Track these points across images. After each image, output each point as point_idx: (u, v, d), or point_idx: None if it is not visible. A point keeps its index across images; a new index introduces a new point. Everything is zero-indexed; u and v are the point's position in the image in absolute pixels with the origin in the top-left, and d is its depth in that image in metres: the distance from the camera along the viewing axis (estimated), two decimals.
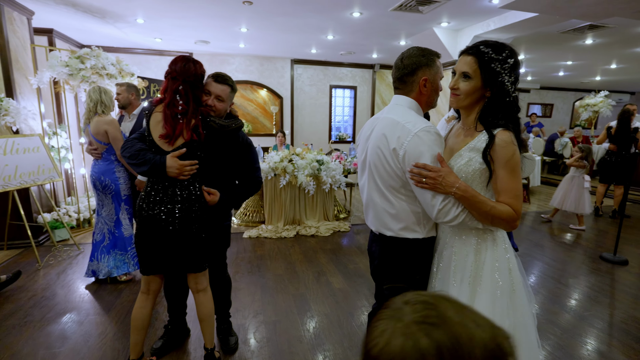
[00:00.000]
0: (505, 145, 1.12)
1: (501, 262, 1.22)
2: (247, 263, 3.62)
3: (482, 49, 1.15)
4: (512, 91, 1.17)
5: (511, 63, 1.14)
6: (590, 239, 4.45)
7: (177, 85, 1.60)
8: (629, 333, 2.45)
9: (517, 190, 1.14)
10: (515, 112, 1.18)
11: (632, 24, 4.54)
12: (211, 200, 1.78)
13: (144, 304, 1.82)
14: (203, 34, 5.14)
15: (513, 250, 1.29)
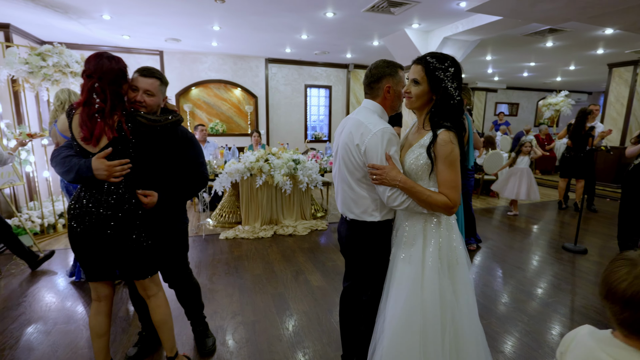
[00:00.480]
0: (445, 144, 1.31)
1: (444, 241, 1.43)
2: (224, 265, 3.57)
3: (429, 59, 1.35)
4: (456, 95, 1.35)
5: (452, 71, 1.33)
6: (554, 231, 4.71)
7: (92, 83, 1.51)
8: (588, 317, 2.62)
9: (453, 182, 1.33)
10: (459, 114, 1.36)
11: (587, 29, 4.85)
12: (148, 202, 1.68)
13: (97, 310, 1.74)
14: (174, 31, 5.02)
15: (457, 231, 1.49)
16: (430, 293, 1.39)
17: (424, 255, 1.43)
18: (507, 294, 2.97)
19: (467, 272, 1.48)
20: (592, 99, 13.67)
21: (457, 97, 1.35)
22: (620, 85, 7.10)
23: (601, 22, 4.03)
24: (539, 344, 2.29)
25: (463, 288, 1.45)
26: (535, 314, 2.65)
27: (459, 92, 1.34)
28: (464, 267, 1.47)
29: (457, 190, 1.34)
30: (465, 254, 1.49)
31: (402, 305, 1.41)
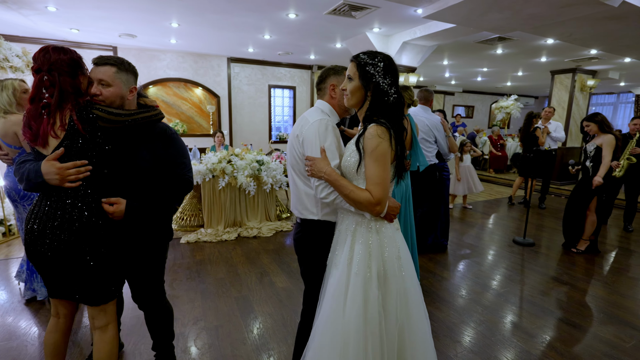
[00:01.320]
0: (371, 137, 1.26)
1: (375, 248, 1.35)
2: (185, 269, 3.45)
3: (360, 55, 1.35)
4: (392, 93, 1.33)
5: (381, 66, 1.30)
6: (506, 225, 5.04)
7: (40, 77, 1.36)
8: (535, 304, 2.83)
9: (379, 178, 1.27)
10: (396, 112, 1.33)
11: (532, 38, 5.24)
12: (114, 211, 1.44)
13: (54, 328, 1.57)
14: (128, 26, 4.78)
15: (395, 240, 1.39)
16: (352, 303, 1.30)
17: (350, 261, 1.36)
18: (464, 287, 3.13)
19: (406, 285, 1.36)
20: (539, 103, 14.77)
21: (392, 94, 1.32)
22: (562, 90, 7.73)
23: (543, 32, 4.38)
24: (492, 332, 2.43)
25: (399, 303, 1.33)
26: (489, 304, 2.82)
27: (395, 89, 1.33)
28: (400, 280, 1.35)
29: (382, 187, 1.27)
30: (404, 266, 1.38)
31: (326, 314, 1.35)
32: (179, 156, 1.64)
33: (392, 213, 1.37)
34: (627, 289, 3.14)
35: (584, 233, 3.90)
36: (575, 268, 3.56)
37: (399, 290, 1.34)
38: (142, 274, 1.71)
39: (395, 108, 1.33)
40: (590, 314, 2.69)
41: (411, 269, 1.41)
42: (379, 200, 1.27)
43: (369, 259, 1.34)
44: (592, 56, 6.39)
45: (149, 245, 1.68)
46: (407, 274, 1.38)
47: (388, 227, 1.38)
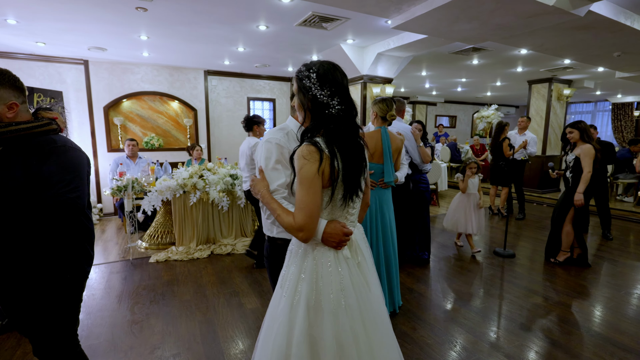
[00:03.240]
0: (297, 158, 1.18)
1: (308, 274, 1.24)
2: (150, 292, 3.26)
3: (300, 68, 1.29)
4: (334, 104, 1.21)
5: (314, 77, 1.21)
6: (486, 236, 4.97)
7: None
8: (514, 320, 2.73)
9: (302, 202, 1.17)
10: (340, 125, 1.21)
11: (506, 48, 5.29)
12: None
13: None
14: (97, 40, 4.65)
15: (332, 272, 1.25)
16: (279, 326, 1.24)
17: (283, 283, 1.30)
18: (443, 305, 3.02)
19: (365, 317, 1.24)
20: (519, 112, 15.03)
21: (335, 106, 1.21)
22: (539, 100, 7.84)
23: (515, 42, 4.41)
24: (470, 354, 2.31)
25: (359, 338, 1.22)
26: (467, 323, 2.70)
27: (340, 99, 1.21)
28: (332, 317, 1.20)
29: (305, 212, 1.16)
30: (360, 298, 1.25)
31: (261, 335, 1.33)
32: (58, 173, 1.32)
33: (332, 240, 1.23)
34: (609, 301, 3.06)
35: (562, 244, 3.84)
36: (555, 280, 3.48)
37: (353, 326, 1.22)
38: (29, 322, 1.38)
39: (339, 121, 1.21)
40: (571, 331, 2.60)
41: (372, 301, 1.29)
42: (301, 227, 1.17)
43: (298, 284, 1.25)
44: (566, 66, 6.50)
45: (29, 287, 1.35)
46: (364, 306, 1.26)
47: (329, 255, 1.26)
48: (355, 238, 1.34)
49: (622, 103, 11.62)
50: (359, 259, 1.33)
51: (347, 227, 1.27)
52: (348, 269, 1.28)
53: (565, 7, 2.90)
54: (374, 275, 1.38)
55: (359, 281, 1.29)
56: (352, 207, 1.31)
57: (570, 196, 3.68)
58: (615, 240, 4.81)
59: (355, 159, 1.23)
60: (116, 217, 6.07)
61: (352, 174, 1.22)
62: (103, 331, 2.60)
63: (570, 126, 3.68)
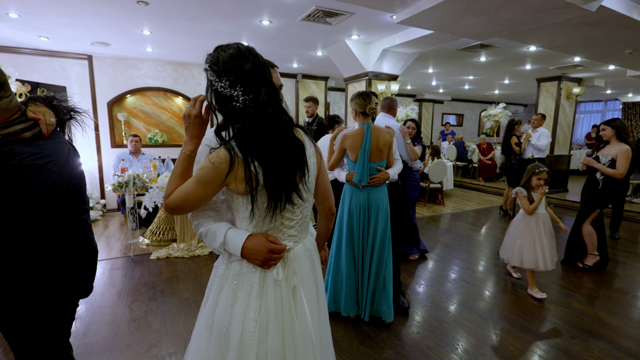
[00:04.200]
0: (205, 159, 1.05)
1: (225, 296, 1.11)
2: (149, 289, 3.24)
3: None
4: (238, 95, 1.01)
5: (214, 69, 1.03)
6: (493, 236, 4.88)
7: None
8: (517, 323, 2.66)
9: (186, 191, 1.04)
10: (253, 121, 1.02)
11: (515, 45, 5.17)
12: None
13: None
14: (100, 34, 4.63)
15: (257, 293, 1.09)
16: (194, 344, 1.15)
17: (205, 301, 1.17)
18: (446, 307, 2.96)
19: (242, 357, 1.04)
20: (528, 111, 14.81)
21: (239, 97, 1.00)
22: (548, 98, 7.69)
23: (523, 39, 4.30)
24: (471, 357, 2.25)
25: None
26: (474, 327, 2.64)
27: (243, 88, 1.01)
28: (237, 350, 1.04)
29: (181, 198, 1.05)
30: (248, 336, 1.05)
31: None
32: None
33: (255, 257, 1.06)
34: (613, 304, 2.98)
35: (587, 246, 3.61)
36: (560, 282, 3.40)
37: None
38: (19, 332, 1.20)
39: (250, 116, 1.01)
40: (575, 334, 2.52)
41: (301, 335, 1.10)
42: (170, 206, 1.07)
43: (215, 305, 1.11)
44: (576, 63, 6.35)
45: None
46: (289, 341, 1.08)
47: (252, 276, 1.09)
48: (296, 255, 1.14)
49: (633, 102, 11.37)
50: (294, 281, 1.12)
51: (277, 242, 1.09)
52: (276, 295, 1.09)
53: (576, 2, 2.80)
54: (314, 305, 1.18)
55: (287, 310, 1.09)
56: (288, 219, 1.12)
57: (597, 198, 3.50)
58: (622, 242, 4.70)
59: (280, 161, 1.04)
60: (119, 213, 6.09)
61: (278, 179, 1.03)
62: (101, 328, 2.58)
63: (605, 123, 3.46)
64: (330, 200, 1.31)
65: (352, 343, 2.40)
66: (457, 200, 7.48)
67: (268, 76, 1.06)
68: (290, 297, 1.10)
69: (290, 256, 1.13)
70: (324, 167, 1.26)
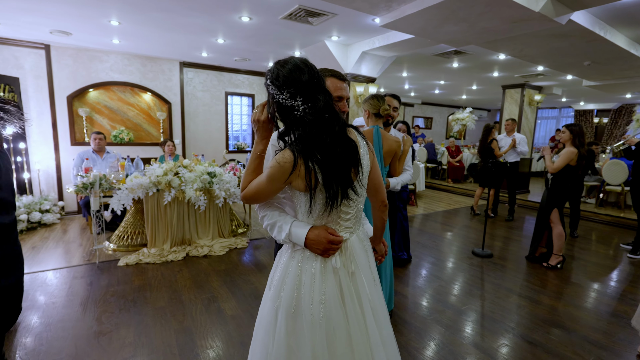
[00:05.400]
0: (272, 160, 1.17)
1: (289, 278, 1.26)
2: (119, 298, 3.02)
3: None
4: (297, 105, 1.13)
5: (276, 84, 1.14)
6: (465, 236, 5.05)
7: None
8: (496, 321, 2.75)
9: (259, 185, 1.21)
10: (312, 128, 1.12)
11: (486, 53, 5.39)
12: None
13: None
14: (61, 22, 4.27)
15: (316, 279, 1.22)
16: (262, 330, 1.27)
17: (270, 285, 1.30)
18: (425, 306, 3.00)
19: (315, 338, 1.16)
20: (491, 115, 15.58)
21: (300, 106, 1.12)
22: (512, 104, 8.11)
23: (496, 47, 4.48)
24: (455, 356, 2.29)
25: (303, 355, 1.16)
26: (450, 324, 2.69)
27: (303, 98, 1.12)
28: (310, 328, 1.17)
29: (254, 192, 1.22)
30: (318, 317, 1.17)
31: (254, 336, 1.33)
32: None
33: (317, 247, 1.19)
34: (580, 300, 3.17)
35: (554, 247, 3.81)
36: (531, 279, 3.57)
37: (334, 343, 1.18)
38: None
39: (310, 123, 1.12)
40: (549, 330, 2.65)
41: (364, 315, 1.22)
42: (245, 197, 1.25)
43: (281, 288, 1.23)
44: (538, 72, 6.74)
45: None
46: (353, 322, 1.20)
47: (314, 263, 1.22)
48: (352, 245, 1.26)
49: (583, 110, 12.31)
50: (352, 268, 1.24)
51: (335, 234, 1.21)
52: (335, 280, 1.21)
53: (549, 14, 2.95)
54: (372, 288, 1.29)
55: (348, 294, 1.21)
56: (344, 212, 1.23)
57: (551, 197, 3.73)
58: (580, 239, 5.04)
59: (337, 161, 1.14)
60: (80, 216, 5.66)
61: (335, 178, 1.14)
62: (65, 345, 2.36)
63: (566, 126, 3.61)
64: (382, 193, 1.41)
65: None
66: (428, 201, 7.69)
67: (323, 85, 1.17)
68: (349, 281, 1.22)
69: (347, 245, 1.25)
70: (376, 163, 1.36)
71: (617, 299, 3.21)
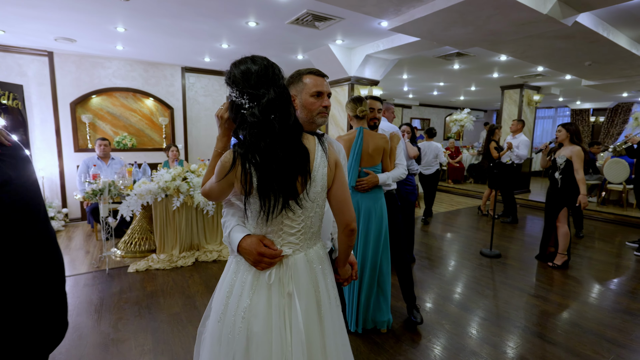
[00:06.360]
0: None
1: (223, 288, 1.23)
2: (133, 305, 3.00)
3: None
4: (244, 103, 1.07)
5: (227, 81, 1.12)
6: (470, 237, 5.08)
7: None
8: (511, 320, 2.76)
9: (210, 182, 1.20)
10: (252, 129, 1.06)
11: (488, 54, 5.45)
12: None
13: None
14: (66, 30, 4.26)
15: (246, 291, 1.15)
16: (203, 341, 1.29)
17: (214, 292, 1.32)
18: (435, 307, 3.01)
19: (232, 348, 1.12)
20: (488, 116, 15.71)
21: (246, 104, 1.07)
22: (511, 105, 8.19)
23: (499, 49, 4.54)
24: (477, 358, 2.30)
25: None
26: (465, 324, 2.70)
27: (249, 96, 1.07)
28: (226, 338, 1.13)
29: (207, 187, 1.21)
30: (234, 330, 1.11)
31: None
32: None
33: (247, 257, 1.13)
34: (592, 298, 3.20)
35: (559, 246, 3.84)
36: (541, 279, 3.60)
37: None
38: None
39: (252, 124, 1.06)
40: (565, 329, 2.67)
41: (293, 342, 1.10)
42: (201, 191, 1.25)
43: (217, 291, 1.24)
44: (537, 73, 6.82)
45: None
46: (277, 345, 1.09)
47: (248, 273, 1.15)
48: (295, 264, 1.15)
49: (580, 109, 12.44)
50: (290, 288, 1.13)
51: (271, 247, 1.12)
52: (267, 296, 1.12)
53: (556, 16, 3.00)
54: (313, 316, 1.16)
55: (278, 314, 1.11)
56: (288, 226, 1.14)
57: (561, 197, 3.72)
58: (585, 238, 5.09)
59: (276, 166, 1.05)
60: (84, 223, 5.62)
61: (271, 185, 1.06)
62: (84, 353, 2.34)
63: (562, 125, 3.68)
64: (346, 214, 1.22)
65: (361, 351, 2.37)
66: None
67: (274, 83, 1.09)
68: (282, 302, 1.12)
69: (288, 263, 1.15)
70: (339, 179, 1.22)
71: (628, 297, 3.25)
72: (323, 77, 1.39)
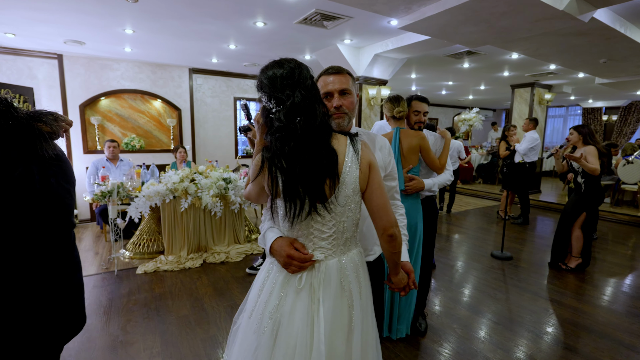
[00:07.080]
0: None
1: (257, 284, 1.26)
2: (142, 306, 3.00)
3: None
4: (271, 107, 1.07)
5: (258, 85, 1.12)
6: (480, 238, 4.99)
7: None
8: (525, 325, 2.69)
9: (250, 184, 1.23)
10: (275, 132, 1.06)
11: (499, 52, 5.35)
12: None
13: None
14: (75, 32, 4.28)
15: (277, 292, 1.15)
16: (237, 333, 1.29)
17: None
18: (445, 311, 2.95)
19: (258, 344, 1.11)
20: (497, 115, 15.51)
21: (273, 108, 1.07)
22: (522, 104, 8.05)
23: (511, 47, 4.45)
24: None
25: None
26: (478, 329, 2.63)
27: (276, 101, 1.06)
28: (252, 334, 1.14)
29: (247, 189, 1.24)
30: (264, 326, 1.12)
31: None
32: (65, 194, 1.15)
33: (278, 258, 1.15)
34: (607, 302, 3.11)
35: (572, 249, 3.76)
36: (554, 282, 3.51)
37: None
38: None
39: (278, 127, 1.05)
40: (581, 334, 2.59)
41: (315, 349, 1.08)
42: (244, 193, 1.27)
43: (251, 289, 1.25)
44: (549, 71, 6.69)
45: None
46: (301, 350, 1.07)
47: (279, 274, 1.16)
48: (327, 270, 1.12)
49: (592, 108, 12.20)
50: (319, 295, 1.10)
51: (301, 250, 1.10)
52: (295, 300, 1.10)
53: (573, 12, 2.91)
54: (338, 325, 1.11)
55: (303, 320, 1.08)
56: (318, 230, 1.11)
57: (582, 201, 3.63)
58: (599, 240, 4.96)
59: (302, 170, 1.03)
60: (93, 224, 5.66)
61: (297, 187, 1.04)
62: (94, 356, 2.33)
63: (574, 128, 3.60)
64: (383, 219, 1.15)
65: None
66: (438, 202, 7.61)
67: (299, 85, 1.06)
68: (309, 307, 1.09)
69: (319, 268, 1.12)
70: (374, 181, 1.15)
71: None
72: (331, 74, 1.32)
